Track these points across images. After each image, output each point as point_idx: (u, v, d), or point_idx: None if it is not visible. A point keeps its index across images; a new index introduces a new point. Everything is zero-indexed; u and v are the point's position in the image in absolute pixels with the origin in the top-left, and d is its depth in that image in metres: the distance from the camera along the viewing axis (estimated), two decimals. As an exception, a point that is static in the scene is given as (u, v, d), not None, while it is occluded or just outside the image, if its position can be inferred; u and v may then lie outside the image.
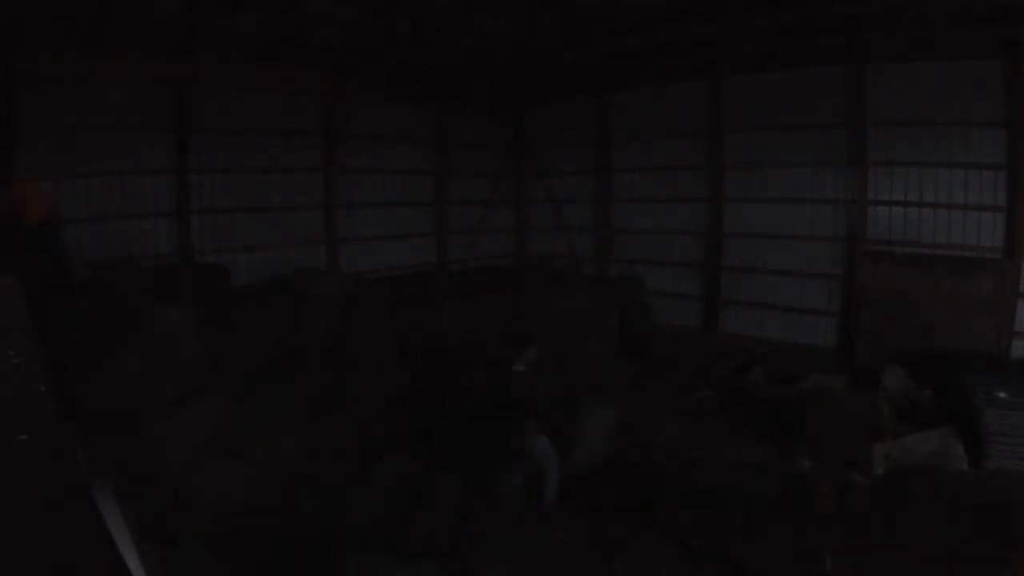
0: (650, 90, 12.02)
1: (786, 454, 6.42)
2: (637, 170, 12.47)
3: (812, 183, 10.22)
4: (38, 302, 4.95)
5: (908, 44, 8.87)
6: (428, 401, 7.23)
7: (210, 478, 5.26)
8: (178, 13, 7.66)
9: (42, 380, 1.35)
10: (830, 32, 9.02)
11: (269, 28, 8.48)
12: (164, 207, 8.95)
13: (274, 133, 10.07)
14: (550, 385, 6.10)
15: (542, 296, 9.89)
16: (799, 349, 10.20)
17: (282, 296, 8.06)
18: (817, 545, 4.79)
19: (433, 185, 12.80)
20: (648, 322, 11.37)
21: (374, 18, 8.45)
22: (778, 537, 5.04)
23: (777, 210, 10.59)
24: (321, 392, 6.81)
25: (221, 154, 9.47)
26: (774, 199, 10.62)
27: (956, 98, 8.72)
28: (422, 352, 8.01)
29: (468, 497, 5.64)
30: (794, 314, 10.51)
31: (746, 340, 10.83)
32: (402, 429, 6.83)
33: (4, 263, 5.55)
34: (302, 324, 7.50)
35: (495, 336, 7.72)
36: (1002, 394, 6.71)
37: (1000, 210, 8.64)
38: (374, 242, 11.67)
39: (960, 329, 8.71)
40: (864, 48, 9.25)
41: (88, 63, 7.90)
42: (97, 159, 8.20)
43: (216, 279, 8.53)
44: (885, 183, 9.50)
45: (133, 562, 1.64)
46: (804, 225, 10.34)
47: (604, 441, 6.59)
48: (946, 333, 8.76)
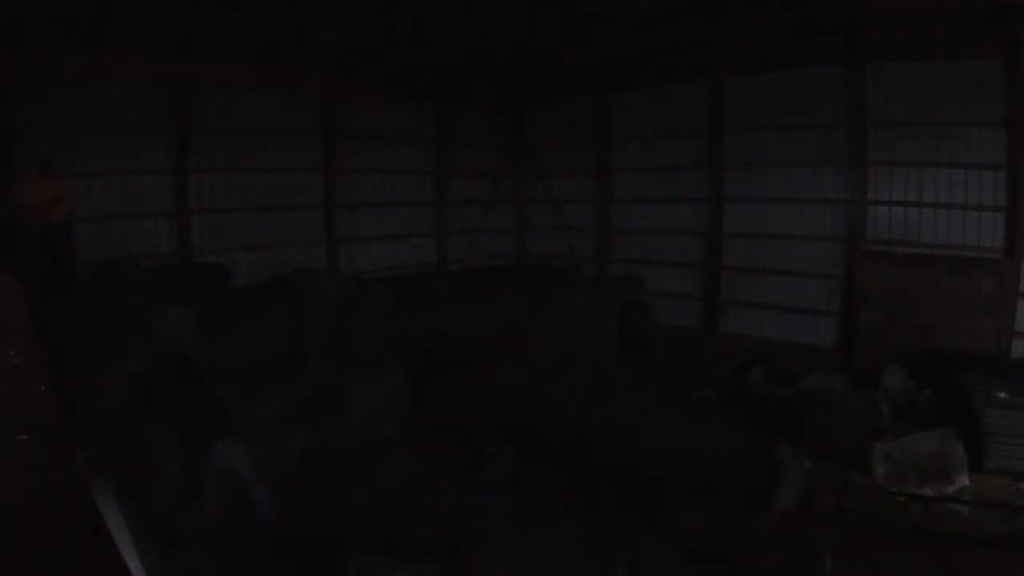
0: (650, 90, 12.02)
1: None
2: (637, 170, 12.48)
3: (812, 183, 10.23)
4: (40, 302, 4.96)
5: (908, 44, 8.87)
6: (428, 400, 7.22)
7: (211, 477, 5.26)
8: (178, 13, 7.66)
9: (42, 380, 1.35)
10: (830, 32, 9.02)
11: (269, 28, 8.48)
12: (164, 207, 8.96)
13: (274, 133, 10.07)
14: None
15: (542, 296, 9.89)
16: (799, 349, 10.20)
17: (282, 296, 8.05)
18: (817, 545, 4.80)
19: (433, 185, 12.80)
20: (648, 322, 11.37)
21: (374, 18, 8.45)
22: (778, 537, 5.05)
23: (777, 210, 10.60)
24: (321, 392, 6.81)
25: (221, 154, 9.48)
26: (774, 199, 10.62)
27: (956, 98, 8.72)
28: (422, 352, 8.01)
29: (468, 497, 5.64)
30: (794, 314, 10.51)
31: (746, 340, 10.83)
32: (403, 428, 6.83)
33: (9, 262, 5.56)
34: (302, 324, 7.49)
35: (495, 336, 7.72)
36: (1002, 394, 6.71)
37: (1000, 210, 8.64)
38: (374, 242, 11.67)
39: (960, 329, 8.71)
40: (864, 48, 9.25)
41: (88, 63, 7.91)
42: (97, 159, 8.21)
43: (216, 279, 8.53)
44: (885, 183, 9.51)
45: (133, 562, 1.64)
46: (804, 225, 10.34)
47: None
48: (946, 333, 8.77)
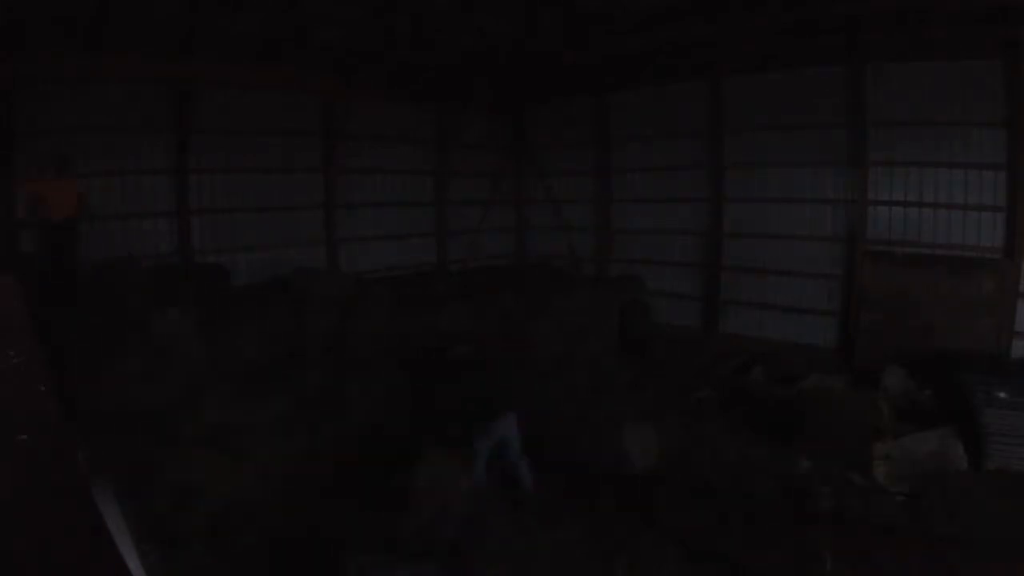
0: (650, 90, 12.02)
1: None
2: (637, 170, 12.48)
3: (812, 183, 10.23)
4: (40, 301, 4.96)
5: (908, 44, 8.87)
6: (427, 400, 7.21)
7: (210, 477, 5.26)
8: (178, 13, 7.65)
9: (42, 380, 1.35)
10: (830, 32, 9.02)
11: (269, 28, 8.48)
12: (164, 207, 8.95)
13: (274, 133, 10.07)
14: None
15: (542, 296, 9.89)
16: (799, 349, 10.20)
17: (282, 296, 8.05)
18: (817, 545, 4.80)
19: (433, 185, 12.80)
20: (648, 322, 11.37)
21: (374, 18, 8.45)
22: (778, 537, 5.05)
23: (777, 210, 10.60)
24: (321, 392, 6.81)
25: (221, 154, 9.47)
26: (774, 199, 10.62)
27: (956, 98, 8.72)
28: (422, 352, 8.00)
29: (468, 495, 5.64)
30: (794, 314, 10.51)
31: (746, 340, 10.83)
32: (402, 429, 6.83)
33: (10, 261, 5.55)
34: (302, 324, 7.49)
35: (495, 336, 7.71)
36: (1002, 394, 6.71)
37: (1000, 210, 8.64)
38: (374, 242, 11.66)
39: (960, 329, 8.71)
40: (864, 48, 9.25)
41: (88, 63, 7.90)
42: (97, 159, 8.20)
43: (216, 279, 8.53)
44: (885, 183, 9.50)
45: (133, 562, 1.64)
46: (804, 225, 10.34)
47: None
48: (946, 333, 8.76)
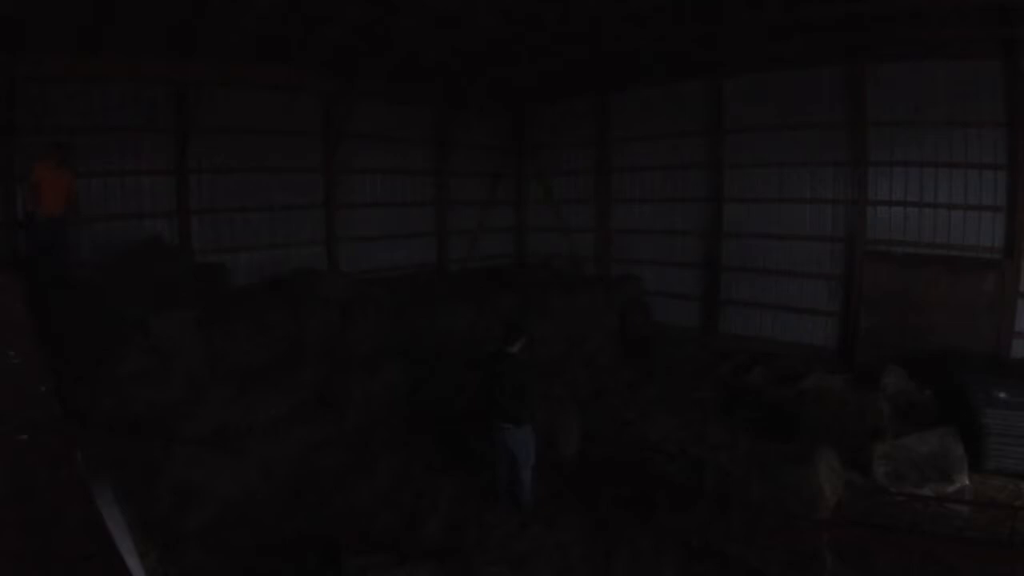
0: (650, 90, 12.03)
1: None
2: (637, 170, 12.48)
3: (812, 183, 10.24)
4: (40, 302, 4.95)
5: (908, 44, 8.87)
6: (428, 400, 7.22)
7: (210, 477, 5.27)
8: (179, 13, 7.65)
9: (42, 380, 1.35)
10: (830, 32, 9.01)
11: (269, 28, 8.47)
12: (164, 207, 8.95)
13: (274, 133, 10.06)
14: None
15: (542, 296, 9.89)
16: (799, 349, 10.22)
17: (282, 296, 8.06)
18: (817, 545, 4.79)
19: (433, 185, 12.79)
20: (648, 322, 11.37)
21: (374, 18, 8.44)
22: (778, 537, 5.04)
23: (777, 210, 10.60)
24: (321, 392, 6.81)
25: (221, 154, 9.46)
26: (774, 199, 10.63)
27: (956, 98, 8.73)
28: (422, 352, 8.01)
29: (468, 495, 5.65)
30: (794, 314, 10.51)
31: (746, 340, 10.84)
32: (402, 429, 6.83)
33: (10, 261, 5.55)
34: (302, 324, 7.50)
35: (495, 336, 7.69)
36: (1002, 394, 6.71)
37: (1000, 210, 8.65)
38: (374, 242, 11.65)
39: (960, 329, 8.72)
40: (864, 48, 9.25)
41: (88, 63, 7.90)
42: (97, 159, 8.20)
43: (216, 279, 8.53)
44: (885, 183, 9.51)
45: (133, 562, 1.64)
46: (804, 225, 10.35)
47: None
48: (946, 333, 8.77)
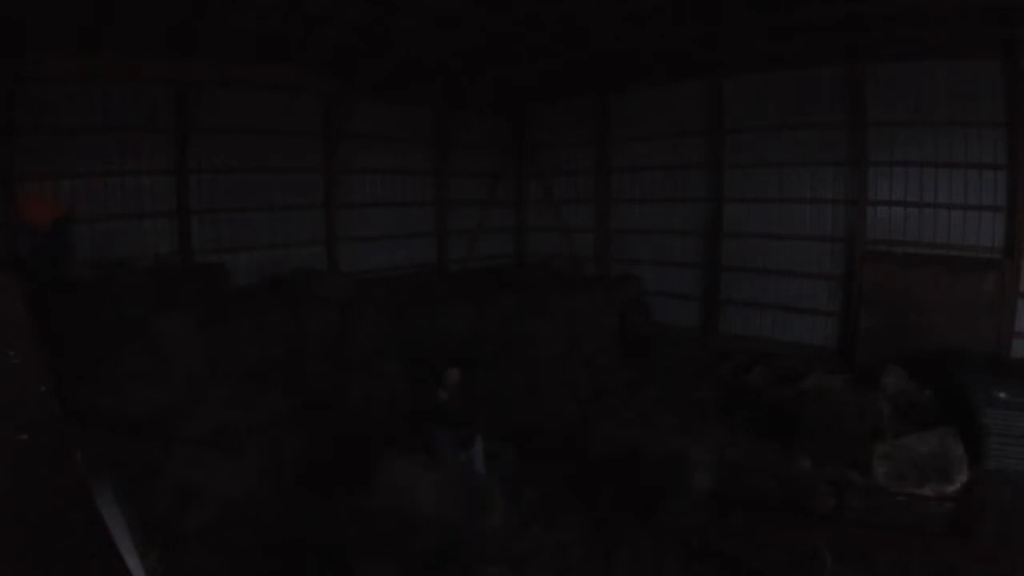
0: (650, 90, 12.03)
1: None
2: (637, 170, 12.49)
3: (812, 183, 10.24)
4: (39, 302, 4.96)
5: (908, 44, 8.87)
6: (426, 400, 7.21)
7: (210, 477, 5.26)
8: (179, 13, 7.65)
9: (42, 380, 1.35)
10: (830, 32, 9.01)
11: (269, 28, 8.47)
12: (164, 207, 8.95)
13: (274, 133, 10.06)
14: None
15: (542, 296, 9.89)
16: (799, 349, 10.21)
17: (282, 296, 8.06)
18: (817, 545, 4.79)
19: (433, 185, 12.80)
20: (648, 322, 11.37)
21: (374, 18, 8.44)
22: (778, 537, 5.04)
23: (777, 210, 10.60)
24: (321, 392, 6.81)
25: (221, 154, 9.47)
26: (774, 199, 10.63)
27: (956, 98, 8.73)
28: (422, 352, 8.01)
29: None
30: (794, 314, 10.51)
31: (746, 340, 10.84)
32: (402, 428, 6.82)
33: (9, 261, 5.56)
34: (302, 324, 7.50)
35: (495, 336, 7.72)
36: (1002, 394, 6.70)
37: (1000, 210, 8.65)
38: (374, 242, 11.66)
39: (960, 329, 8.71)
40: (864, 48, 9.25)
41: (88, 63, 7.90)
42: (97, 159, 8.20)
43: (216, 279, 8.53)
44: (885, 183, 9.51)
45: (133, 562, 1.64)
46: (804, 225, 10.35)
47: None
48: (946, 333, 8.76)
